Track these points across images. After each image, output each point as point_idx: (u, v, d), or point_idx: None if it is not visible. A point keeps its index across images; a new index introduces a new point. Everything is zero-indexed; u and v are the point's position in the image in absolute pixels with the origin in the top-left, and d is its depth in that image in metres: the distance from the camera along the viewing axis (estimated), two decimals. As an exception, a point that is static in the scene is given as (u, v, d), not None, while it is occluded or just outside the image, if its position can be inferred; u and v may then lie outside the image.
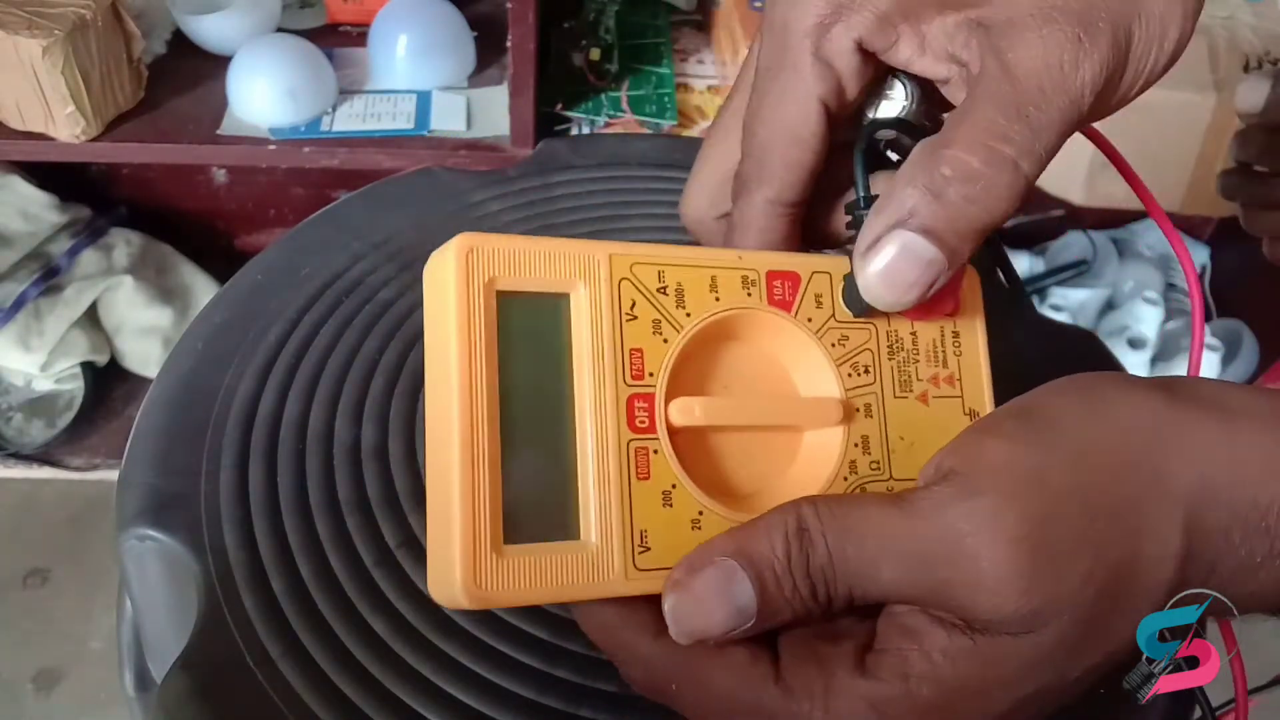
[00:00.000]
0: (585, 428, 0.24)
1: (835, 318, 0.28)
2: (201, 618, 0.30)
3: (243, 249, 1.27)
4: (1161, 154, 1.06)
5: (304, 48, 0.92)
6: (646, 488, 0.24)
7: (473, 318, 0.23)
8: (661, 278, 0.26)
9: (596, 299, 0.25)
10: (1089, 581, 0.22)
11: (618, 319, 0.25)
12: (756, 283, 0.27)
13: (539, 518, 0.23)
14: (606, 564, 0.23)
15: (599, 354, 0.24)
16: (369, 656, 0.29)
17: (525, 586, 0.23)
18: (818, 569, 0.23)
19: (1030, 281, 1.21)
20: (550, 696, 0.29)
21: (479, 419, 0.23)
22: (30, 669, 1.00)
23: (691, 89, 1.04)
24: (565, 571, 0.23)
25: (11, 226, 1.10)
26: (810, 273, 0.28)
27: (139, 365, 1.15)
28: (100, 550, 1.08)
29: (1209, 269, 1.27)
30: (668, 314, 0.26)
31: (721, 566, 0.23)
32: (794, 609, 0.23)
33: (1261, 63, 1.04)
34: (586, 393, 0.24)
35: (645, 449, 0.24)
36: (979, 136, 0.25)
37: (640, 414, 0.24)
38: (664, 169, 0.48)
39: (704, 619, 0.23)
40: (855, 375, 0.27)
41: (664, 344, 0.25)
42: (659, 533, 0.24)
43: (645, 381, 0.25)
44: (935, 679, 0.23)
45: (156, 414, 0.36)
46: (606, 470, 0.24)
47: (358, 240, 0.42)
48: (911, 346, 0.28)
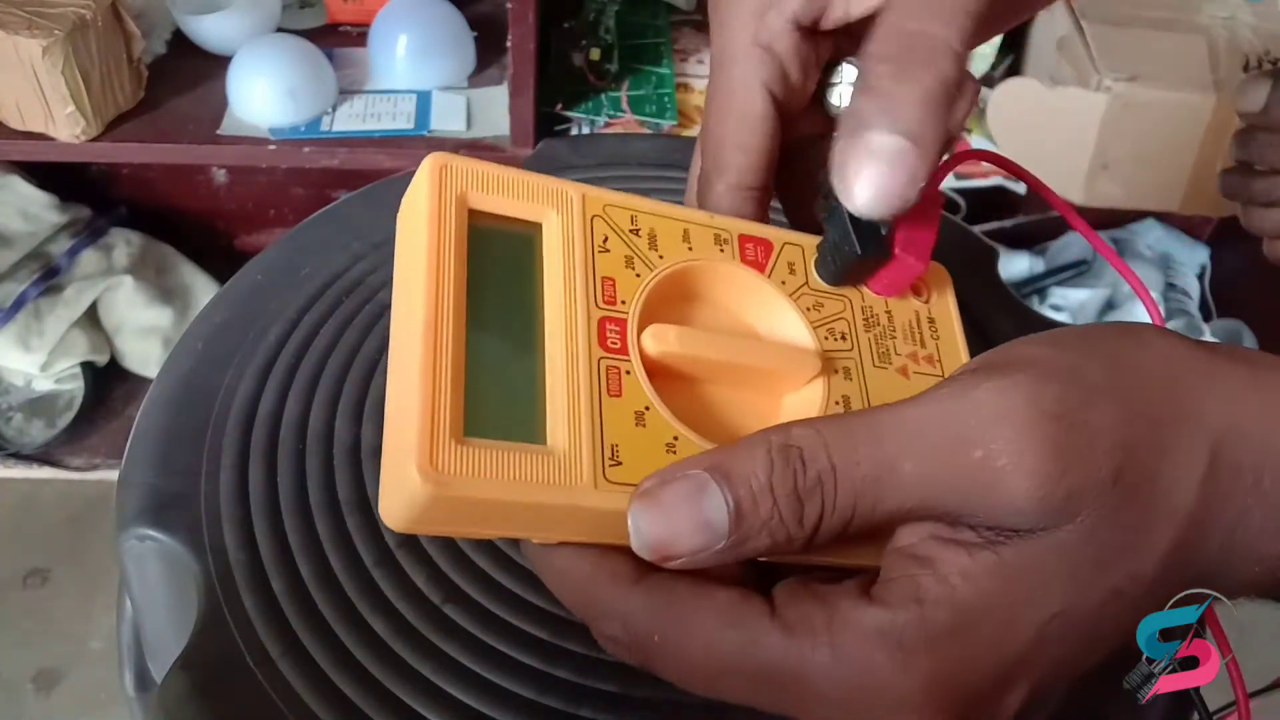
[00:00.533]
0: (556, 343, 0.23)
1: (809, 285, 0.27)
2: (201, 618, 0.30)
3: (243, 249, 1.27)
4: (1161, 154, 1.06)
5: (304, 48, 0.92)
6: (618, 404, 0.23)
7: (443, 226, 0.23)
8: (634, 221, 0.26)
9: (569, 229, 0.24)
10: (1119, 479, 0.21)
11: (590, 249, 0.24)
12: (729, 242, 0.27)
13: (504, 417, 0.22)
14: (575, 470, 0.21)
15: (570, 277, 0.24)
16: (369, 656, 0.29)
17: (487, 480, 0.21)
18: (811, 483, 0.21)
19: (1030, 281, 1.21)
20: (550, 696, 0.29)
21: (444, 314, 0.22)
22: (30, 669, 1.00)
23: (691, 89, 1.04)
24: (531, 472, 0.21)
25: (11, 226, 1.10)
26: (782, 243, 0.28)
27: (139, 365, 1.15)
28: (100, 550, 1.08)
29: (1209, 269, 1.27)
30: (640, 252, 0.25)
31: (694, 478, 0.21)
32: (772, 532, 0.21)
33: (1261, 63, 1.04)
34: (558, 311, 0.23)
35: (617, 368, 0.23)
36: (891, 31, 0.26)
37: (612, 335, 0.23)
38: (664, 169, 0.48)
39: (670, 529, 0.21)
40: (832, 339, 0.26)
41: (636, 278, 0.25)
42: (631, 450, 0.22)
43: (617, 307, 0.24)
44: (953, 602, 0.21)
45: (156, 414, 0.36)
46: (576, 381, 0.22)
47: (358, 240, 0.42)
48: (888, 323, 0.28)
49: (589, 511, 0.22)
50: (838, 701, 0.21)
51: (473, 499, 0.21)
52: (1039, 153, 1.07)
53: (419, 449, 0.20)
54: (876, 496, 0.21)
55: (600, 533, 0.22)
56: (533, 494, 0.21)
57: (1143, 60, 1.02)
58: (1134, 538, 0.21)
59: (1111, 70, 1.02)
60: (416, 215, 0.23)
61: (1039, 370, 0.22)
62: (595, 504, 0.22)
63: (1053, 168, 1.10)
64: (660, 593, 0.22)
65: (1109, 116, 1.02)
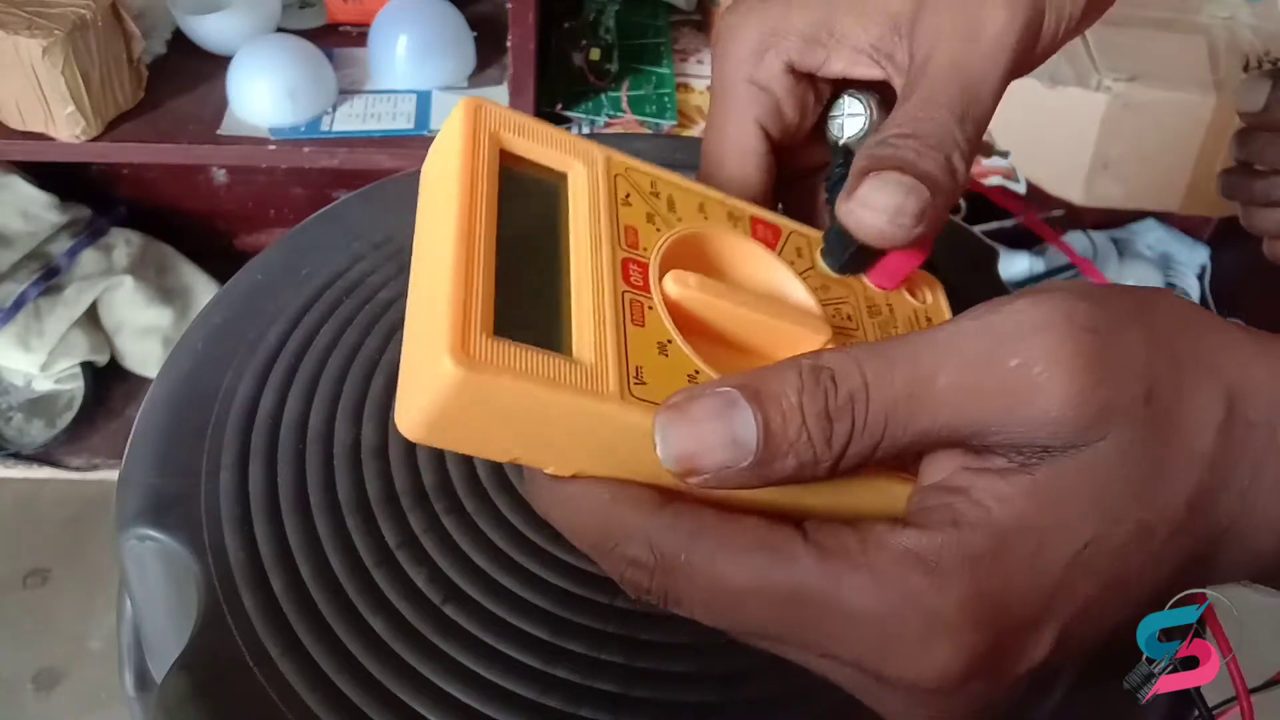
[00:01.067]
0: (582, 272, 0.23)
1: (815, 269, 0.28)
2: (201, 618, 0.30)
3: (243, 249, 1.27)
4: (1161, 154, 1.06)
5: (304, 48, 0.92)
6: (642, 333, 0.23)
7: (478, 155, 0.23)
8: (654, 185, 0.27)
9: (594, 181, 0.25)
10: (1150, 400, 0.21)
11: (614, 200, 0.25)
12: (741, 220, 0.28)
13: (533, 326, 0.22)
14: (601, 379, 0.21)
15: (595, 222, 0.24)
16: (369, 656, 0.29)
17: (517, 372, 0.20)
18: (842, 402, 0.21)
19: (1030, 281, 1.21)
20: (550, 696, 0.29)
21: (477, 227, 0.22)
22: (30, 669, 1.00)
23: (691, 89, 1.04)
24: (560, 375, 0.21)
25: (11, 226, 1.10)
26: (790, 231, 0.29)
27: (139, 365, 1.15)
28: (100, 550, 1.08)
29: (1209, 269, 1.27)
30: (660, 212, 0.26)
31: (725, 394, 0.21)
32: (799, 453, 0.21)
33: (1261, 63, 1.04)
34: (584, 246, 0.24)
35: (640, 302, 0.23)
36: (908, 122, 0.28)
37: (635, 274, 0.24)
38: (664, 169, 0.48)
39: (696, 441, 0.21)
40: (840, 319, 0.27)
41: (657, 231, 0.25)
42: (655, 373, 0.22)
43: (639, 251, 0.24)
44: (989, 524, 0.21)
45: (156, 414, 0.36)
46: (602, 306, 0.23)
47: (358, 240, 0.42)
48: (890, 314, 0.28)
49: (615, 423, 0.21)
50: (871, 623, 0.21)
51: (504, 387, 0.20)
52: (1039, 153, 1.07)
53: (451, 338, 0.20)
54: (910, 412, 0.21)
55: (623, 452, 0.22)
56: (562, 395, 0.21)
57: (1143, 60, 1.02)
58: (1162, 470, 0.21)
59: (1111, 70, 1.02)
60: (449, 151, 0.24)
61: (1073, 290, 0.22)
62: (622, 415, 0.21)
63: (1053, 168, 1.10)
64: (688, 515, 0.22)
65: (1109, 116, 1.02)
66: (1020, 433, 0.21)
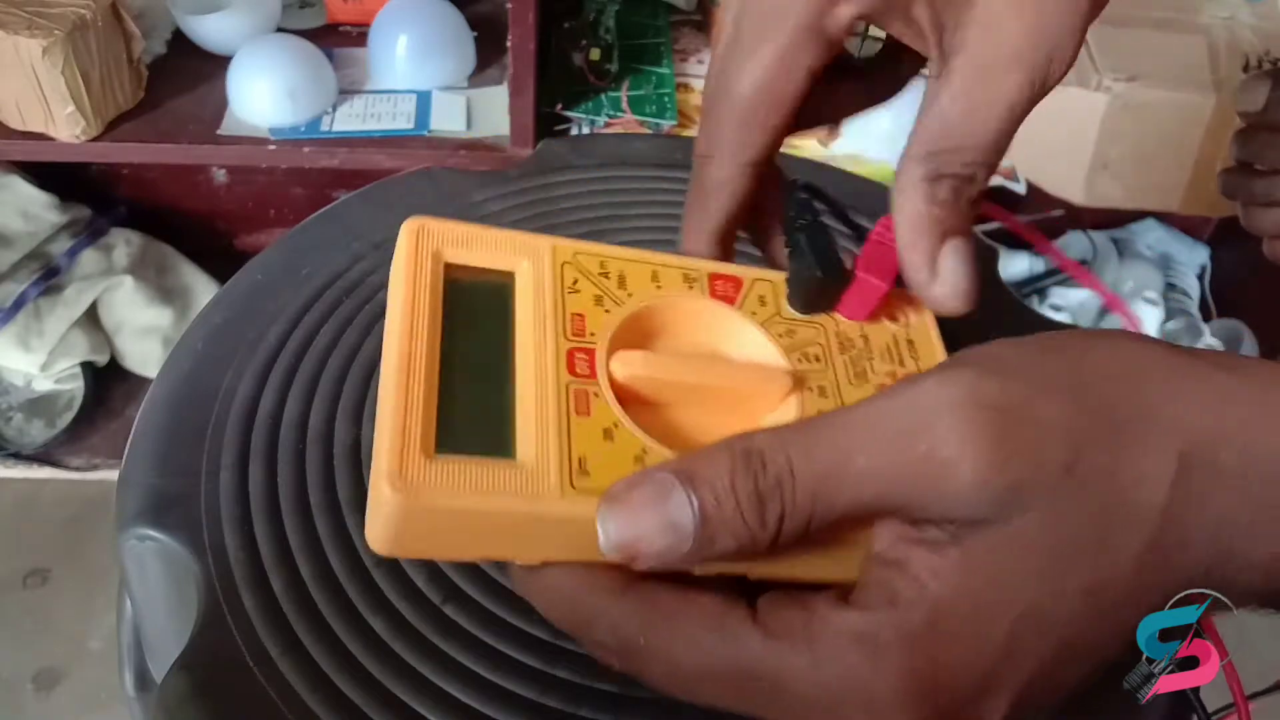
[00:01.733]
0: (526, 372, 0.24)
1: (780, 316, 0.28)
2: (201, 618, 0.30)
3: (243, 249, 1.27)
4: (1161, 154, 1.06)
5: (304, 48, 0.92)
6: (586, 422, 0.23)
7: (419, 274, 0.25)
8: (603, 265, 0.27)
9: (540, 274, 0.26)
10: (1071, 473, 0.21)
11: (560, 291, 0.26)
12: (699, 280, 0.28)
13: (474, 436, 0.23)
14: (542, 479, 0.22)
15: (540, 315, 0.25)
16: (369, 656, 0.29)
17: (455, 491, 0.21)
18: (771, 484, 0.21)
19: (1030, 281, 1.21)
20: (550, 696, 0.29)
21: (417, 347, 0.23)
22: (30, 669, 1.00)
23: (691, 89, 1.04)
24: (499, 483, 0.22)
25: (11, 226, 1.10)
26: (753, 279, 0.28)
27: (139, 365, 1.15)
28: (100, 550, 1.08)
29: (1209, 269, 1.27)
30: (609, 292, 0.26)
31: (661, 481, 0.22)
32: (735, 533, 0.21)
33: (1261, 63, 1.04)
34: (528, 344, 0.24)
35: (585, 391, 0.24)
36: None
37: (580, 362, 0.24)
38: (664, 169, 0.48)
39: (636, 530, 0.21)
40: (806, 361, 0.27)
41: (606, 314, 0.26)
42: (599, 462, 0.23)
43: (586, 339, 0.25)
44: (925, 600, 0.21)
45: (156, 414, 0.36)
46: (545, 403, 0.23)
47: (358, 240, 0.42)
48: (864, 345, 0.28)
49: (557, 519, 0.22)
50: (816, 703, 0.21)
51: (442, 509, 0.21)
52: (1039, 153, 1.07)
53: (388, 465, 0.21)
54: (832, 492, 0.22)
55: (572, 543, 0.23)
56: (500, 502, 0.22)
57: (1143, 60, 1.02)
58: (1100, 534, 0.21)
59: (1111, 70, 1.02)
60: (395, 275, 0.25)
61: (987, 365, 0.22)
62: (562, 510, 0.22)
63: (1053, 168, 1.10)
64: (646, 599, 0.23)
65: (1109, 116, 1.02)
66: (941, 510, 0.21)
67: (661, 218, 0.45)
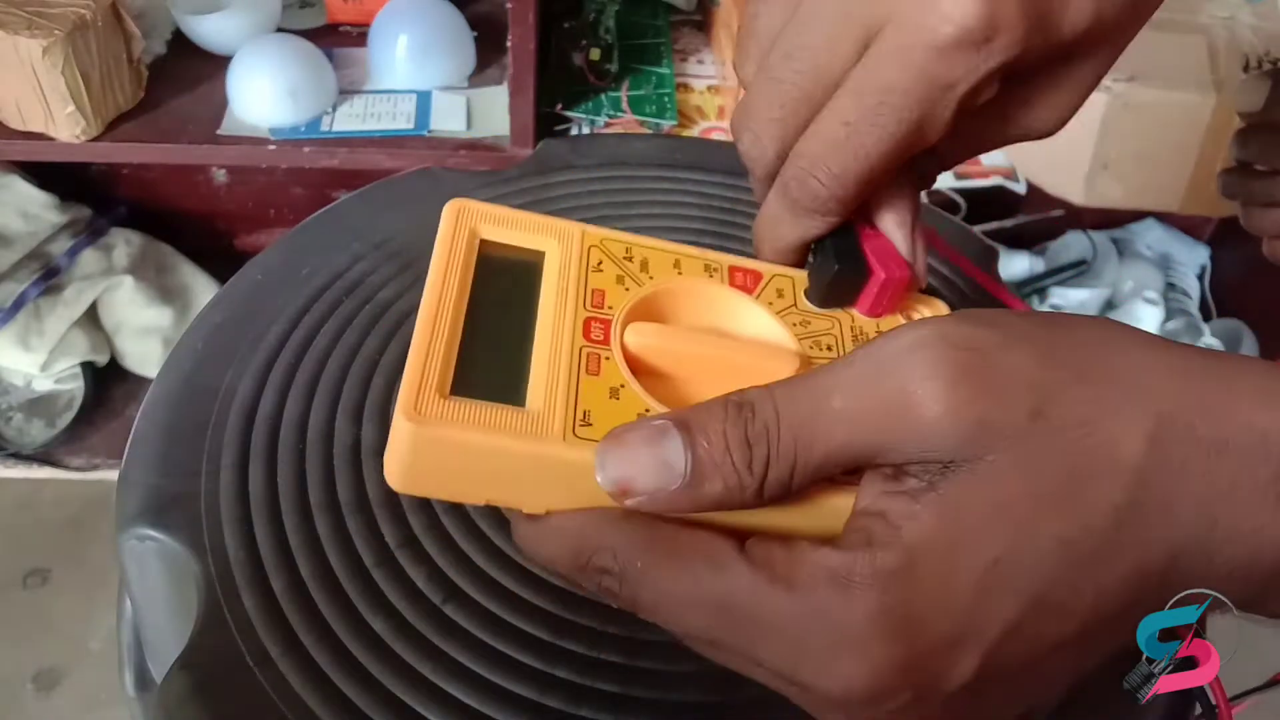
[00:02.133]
0: (544, 333, 0.26)
1: (797, 307, 0.29)
2: (201, 618, 0.30)
3: (243, 249, 1.27)
4: (1161, 154, 1.06)
5: (304, 48, 0.92)
6: (595, 381, 0.25)
7: (454, 247, 0.27)
8: (629, 251, 0.28)
9: (567, 254, 0.28)
10: (1038, 416, 0.21)
11: (584, 269, 0.27)
12: (719, 270, 0.29)
13: (488, 383, 0.24)
14: (546, 425, 0.24)
15: (564, 289, 0.27)
16: (369, 656, 0.29)
17: (464, 426, 0.23)
18: (759, 429, 0.23)
19: (1030, 281, 1.21)
20: (550, 696, 0.29)
21: (445, 303, 0.25)
22: (30, 669, 1.00)
23: (691, 89, 1.04)
24: (506, 424, 0.23)
25: (11, 226, 1.10)
26: (772, 274, 0.29)
27: (139, 365, 1.15)
28: (100, 550, 1.08)
29: (1209, 269, 1.27)
30: (631, 273, 0.28)
31: (657, 425, 0.23)
32: (724, 476, 0.23)
33: (1261, 63, 1.04)
34: (549, 311, 0.26)
35: (597, 355, 0.26)
36: None
37: (596, 330, 0.26)
38: (664, 169, 0.48)
39: (632, 467, 0.23)
40: (818, 350, 0.28)
41: (625, 291, 0.27)
42: (603, 415, 0.24)
43: (603, 310, 0.27)
44: (898, 542, 0.22)
45: (156, 414, 0.36)
46: (558, 361, 0.25)
47: (358, 240, 0.42)
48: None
49: (558, 462, 0.24)
50: (790, 636, 0.22)
51: (451, 440, 0.23)
52: (1039, 153, 1.07)
53: (405, 400, 0.23)
54: (812, 433, 0.23)
55: (572, 489, 0.24)
56: (506, 442, 0.23)
57: (1143, 60, 1.03)
58: (1073, 483, 0.21)
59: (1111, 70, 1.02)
60: (438, 246, 0.27)
61: (959, 315, 0.23)
62: (563, 454, 0.23)
63: (1053, 168, 1.10)
64: (645, 526, 0.24)
65: (1109, 116, 1.02)
66: (912, 449, 0.22)
67: (661, 217, 0.45)
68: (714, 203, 0.46)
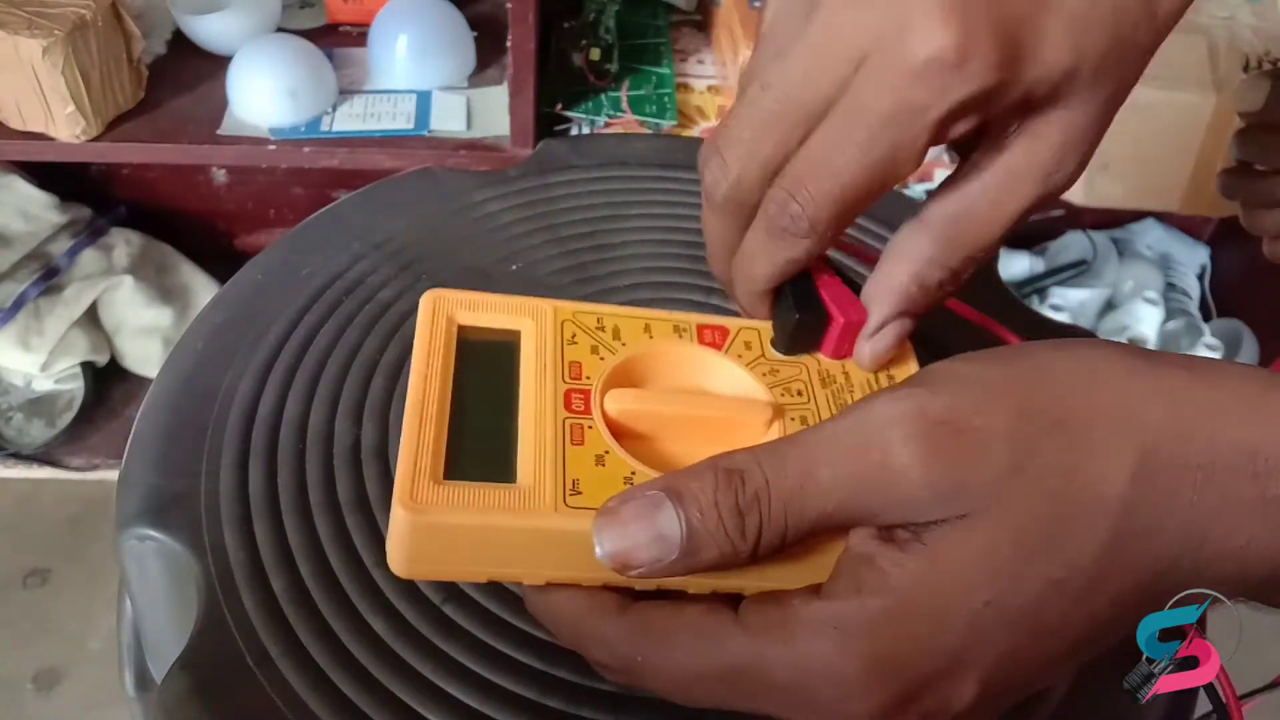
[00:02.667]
0: (527, 410, 0.27)
1: (765, 356, 0.30)
2: (201, 618, 0.30)
3: (243, 249, 1.27)
4: (1161, 154, 1.06)
5: (304, 48, 0.92)
6: (580, 450, 0.26)
7: (433, 334, 0.28)
8: (600, 321, 0.29)
9: (542, 331, 0.29)
10: (1020, 473, 0.22)
11: (560, 343, 0.29)
12: (687, 330, 0.30)
13: (479, 463, 0.25)
14: (538, 498, 0.25)
15: (542, 365, 0.28)
16: (369, 656, 0.29)
17: (460, 509, 0.24)
18: (750, 498, 0.23)
19: (1030, 281, 1.21)
20: (551, 697, 0.29)
21: (430, 390, 0.26)
22: (30, 669, 1.00)
23: (691, 89, 1.04)
24: (499, 502, 0.24)
25: (11, 226, 1.10)
26: (739, 328, 0.30)
27: (139, 365, 1.15)
28: (100, 550, 1.08)
29: (1209, 269, 1.27)
30: (604, 343, 0.29)
31: (650, 497, 0.23)
32: (719, 545, 0.23)
33: (1261, 63, 1.04)
34: (530, 390, 0.27)
35: (580, 425, 0.27)
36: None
37: (576, 401, 0.27)
38: (664, 169, 0.48)
39: (628, 542, 0.23)
40: (789, 396, 0.29)
41: (601, 360, 0.28)
42: (591, 483, 0.25)
43: (582, 382, 0.28)
44: (887, 588, 0.23)
45: (156, 414, 0.36)
46: (543, 435, 0.26)
47: (358, 240, 0.42)
48: (845, 381, 0.30)
49: (551, 533, 0.24)
50: (794, 688, 0.23)
51: (448, 525, 0.24)
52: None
53: (402, 489, 0.24)
54: (802, 503, 0.23)
55: (568, 559, 0.25)
56: (500, 519, 0.24)
57: (1143, 60, 1.02)
58: (1058, 528, 0.22)
59: (1111, 70, 1.01)
60: (417, 336, 0.28)
61: (937, 382, 0.24)
62: (557, 525, 0.24)
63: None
64: (639, 619, 0.24)
65: (1109, 116, 1.02)
66: (896, 515, 0.23)
67: (661, 217, 0.45)
68: (714, 203, 0.46)
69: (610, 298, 0.42)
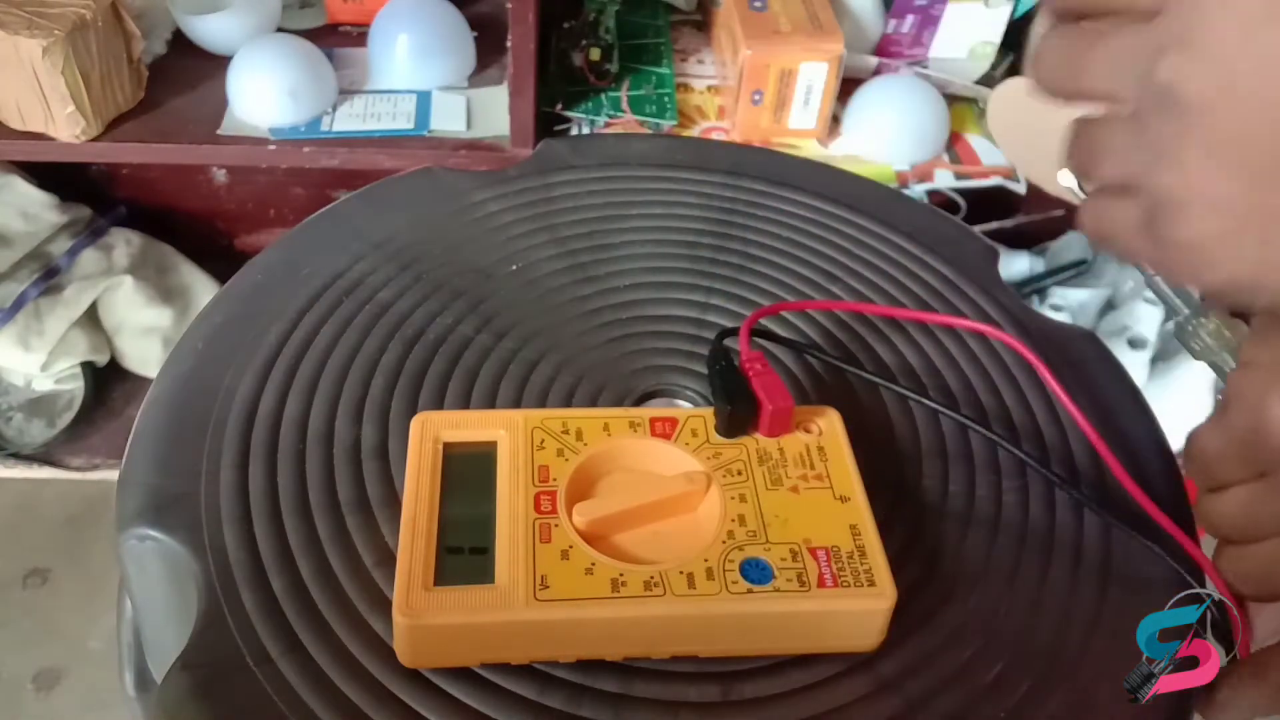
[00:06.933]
0: (504, 515, 0.31)
1: (709, 441, 0.33)
2: (201, 618, 0.30)
3: (243, 249, 1.27)
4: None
5: (304, 48, 0.92)
6: (548, 548, 0.30)
7: (422, 453, 0.32)
8: (565, 425, 0.33)
9: (515, 440, 0.33)
10: None
11: (530, 449, 0.32)
12: (641, 425, 0.34)
13: (462, 569, 0.29)
14: (512, 595, 0.28)
15: (515, 470, 0.32)
16: (369, 656, 0.29)
17: (449, 611, 0.28)
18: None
19: (1030, 281, 1.21)
20: (550, 697, 0.29)
21: (421, 507, 0.30)
22: (30, 669, 1.00)
23: (691, 89, 1.04)
24: (481, 602, 0.28)
25: (11, 226, 1.10)
26: (687, 417, 0.34)
27: (139, 365, 1.15)
28: (100, 550, 1.08)
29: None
30: (568, 445, 0.33)
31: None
32: None
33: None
34: (505, 494, 0.31)
35: (548, 524, 0.30)
36: None
37: (545, 502, 0.31)
38: (664, 169, 0.48)
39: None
40: (729, 476, 0.32)
41: (565, 462, 0.32)
42: (556, 576, 0.29)
43: (550, 484, 0.31)
44: None
45: (156, 414, 0.36)
46: (516, 537, 0.30)
47: (358, 240, 0.42)
48: (780, 457, 0.33)
49: (525, 624, 0.28)
50: None
51: (440, 625, 0.28)
52: (1039, 153, 1.07)
53: (399, 599, 0.28)
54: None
55: (542, 643, 0.29)
56: (481, 616, 0.28)
57: (1143, 60, 1.02)
58: None
59: (1111, 70, 1.01)
60: (410, 455, 0.32)
61: None
62: (529, 617, 0.28)
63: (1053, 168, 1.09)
64: None
65: (1109, 116, 1.02)
66: None
67: (661, 217, 0.45)
68: (714, 203, 0.46)
69: (610, 298, 0.42)
